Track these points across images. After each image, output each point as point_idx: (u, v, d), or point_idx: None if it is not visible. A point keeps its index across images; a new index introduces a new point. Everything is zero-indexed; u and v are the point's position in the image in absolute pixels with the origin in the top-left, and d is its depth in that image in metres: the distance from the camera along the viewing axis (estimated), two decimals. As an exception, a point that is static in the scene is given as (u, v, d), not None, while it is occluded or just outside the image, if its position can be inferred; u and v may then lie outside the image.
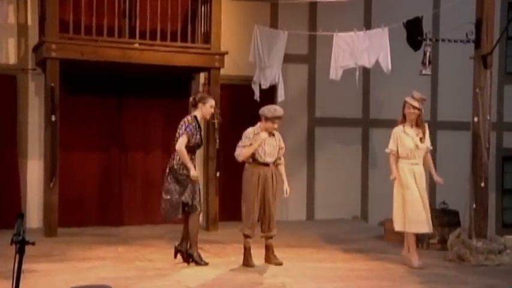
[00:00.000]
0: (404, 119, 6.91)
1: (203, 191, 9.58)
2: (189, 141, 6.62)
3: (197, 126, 6.70)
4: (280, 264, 6.81)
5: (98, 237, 8.43)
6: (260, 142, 6.66)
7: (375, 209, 10.63)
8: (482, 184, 7.31)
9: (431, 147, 7.06)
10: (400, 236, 7.22)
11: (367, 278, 6.36)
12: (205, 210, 9.41)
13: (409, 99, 6.88)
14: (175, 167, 6.65)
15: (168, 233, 8.84)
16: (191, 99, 6.91)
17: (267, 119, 6.70)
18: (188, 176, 6.59)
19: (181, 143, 6.58)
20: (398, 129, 6.93)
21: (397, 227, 6.96)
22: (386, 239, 8.62)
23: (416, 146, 6.82)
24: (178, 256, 6.80)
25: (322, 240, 8.50)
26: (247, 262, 6.74)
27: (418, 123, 6.87)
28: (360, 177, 10.90)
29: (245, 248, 6.77)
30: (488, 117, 7.36)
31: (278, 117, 6.74)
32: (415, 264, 6.79)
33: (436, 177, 7.02)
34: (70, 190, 9.01)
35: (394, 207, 6.94)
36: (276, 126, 6.75)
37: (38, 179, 9.03)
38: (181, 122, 6.69)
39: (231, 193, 9.72)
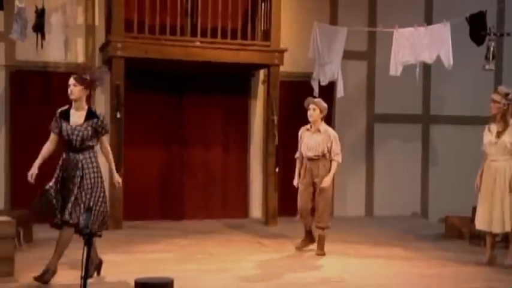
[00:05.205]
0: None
1: (263, 186, 9.72)
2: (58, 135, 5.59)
3: (61, 116, 5.57)
4: (321, 255, 7.01)
5: (160, 230, 8.56)
6: None
7: (435, 206, 10.46)
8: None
9: None
10: (461, 233, 7.07)
11: (427, 275, 6.27)
12: (265, 206, 9.51)
13: (492, 94, 6.71)
14: None
15: (227, 227, 8.95)
16: None
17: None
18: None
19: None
20: (486, 126, 6.77)
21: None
22: (447, 236, 8.47)
23: (490, 142, 6.62)
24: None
25: (380, 237, 8.42)
26: (299, 243, 7.32)
27: (501, 118, 6.61)
28: (420, 174, 10.73)
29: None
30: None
31: None
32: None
33: None
34: (134, 184, 9.15)
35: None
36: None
37: (104, 174, 9.19)
38: None
39: (291, 188, 9.80)
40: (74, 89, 5.49)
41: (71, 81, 5.52)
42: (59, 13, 8.75)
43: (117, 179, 5.95)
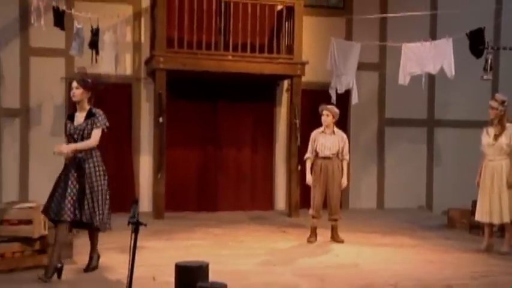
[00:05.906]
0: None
1: (287, 182, 9.73)
2: None
3: (68, 119, 5.35)
4: (342, 242, 7.01)
5: (197, 220, 8.59)
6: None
7: (439, 199, 10.34)
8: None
9: None
10: (461, 224, 6.98)
11: (431, 261, 6.22)
12: (288, 199, 9.51)
13: (490, 101, 6.66)
14: None
15: (255, 218, 8.96)
16: None
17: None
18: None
19: None
20: (484, 129, 6.71)
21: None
22: (449, 226, 8.38)
23: (488, 143, 6.57)
24: None
25: (390, 227, 8.36)
26: (309, 237, 7.07)
27: (498, 123, 6.55)
28: (425, 171, 10.62)
29: (310, 227, 7.12)
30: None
31: None
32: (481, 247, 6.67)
33: None
34: (174, 180, 9.22)
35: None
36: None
37: (148, 171, 9.33)
38: None
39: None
40: (76, 92, 5.21)
41: (74, 84, 5.23)
42: (111, 32, 8.86)
43: (58, 148, 5.10)
